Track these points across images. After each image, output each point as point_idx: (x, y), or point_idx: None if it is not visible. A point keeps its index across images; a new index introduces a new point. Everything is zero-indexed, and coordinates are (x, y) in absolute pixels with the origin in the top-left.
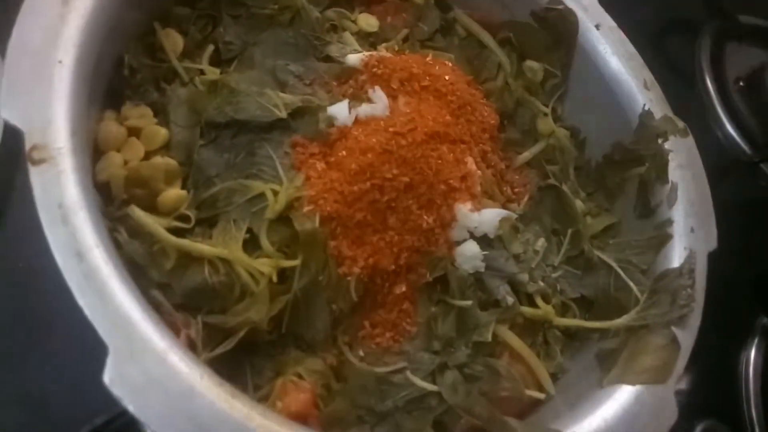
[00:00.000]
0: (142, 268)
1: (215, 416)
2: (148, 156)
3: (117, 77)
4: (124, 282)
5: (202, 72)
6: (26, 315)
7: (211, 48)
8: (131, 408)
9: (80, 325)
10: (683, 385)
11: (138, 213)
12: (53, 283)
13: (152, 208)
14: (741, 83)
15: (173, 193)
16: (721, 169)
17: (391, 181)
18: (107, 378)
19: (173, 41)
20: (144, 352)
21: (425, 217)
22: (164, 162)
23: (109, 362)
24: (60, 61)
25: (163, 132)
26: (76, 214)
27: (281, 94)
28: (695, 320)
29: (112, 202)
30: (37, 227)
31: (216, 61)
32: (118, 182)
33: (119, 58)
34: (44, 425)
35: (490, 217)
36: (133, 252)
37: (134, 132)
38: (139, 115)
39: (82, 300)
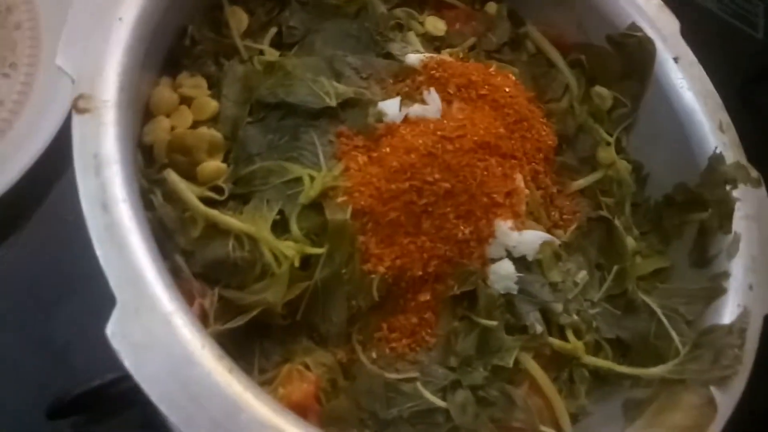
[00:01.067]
0: (171, 232)
1: (208, 388)
2: (195, 125)
3: (178, 46)
4: (145, 240)
5: (261, 52)
6: (66, 268)
7: (274, 30)
8: (127, 363)
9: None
10: None
11: (173, 177)
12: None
13: (191, 176)
14: None
15: (213, 165)
16: None
17: (431, 185)
18: (109, 330)
19: (238, 19)
20: (151, 310)
21: (462, 227)
22: (209, 133)
23: (114, 315)
24: (120, 18)
25: (213, 104)
26: (109, 166)
27: (335, 84)
28: (739, 384)
29: (153, 164)
30: None
31: (277, 43)
32: (161, 146)
33: (183, 27)
34: (65, 372)
35: (531, 239)
36: (164, 215)
37: (186, 101)
38: (194, 84)
39: (99, 249)
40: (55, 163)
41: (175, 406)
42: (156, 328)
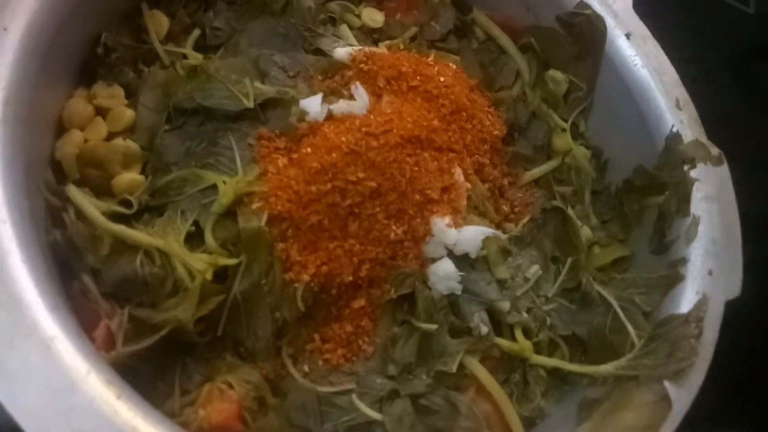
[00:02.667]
0: (80, 251)
1: (92, 418)
2: (111, 137)
3: (92, 55)
4: (28, 261)
5: (185, 56)
6: None
7: (197, 32)
8: (0, 397)
9: None
10: None
11: (74, 193)
12: None
13: (107, 191)
14: None
15: (128, 177)
16: None
17: (355, 185)
18: None
19: (158, 23)
20: (27, 337)
21: (393, 227)
22: (123, 144)
23: None
24: (5, 28)
25: (129, 114)
26: None
27: (257, 84)
28: (696, 378)
29: (65, 180)
30: None
31: (201, 46)
32: (69, 161)
33: (96, 35)
34: None
35: (471, 235)
36: (75, 233)
37: (102, 112)
38: (110, 95)
39: None
40: None
41: None
42: (33, 356)
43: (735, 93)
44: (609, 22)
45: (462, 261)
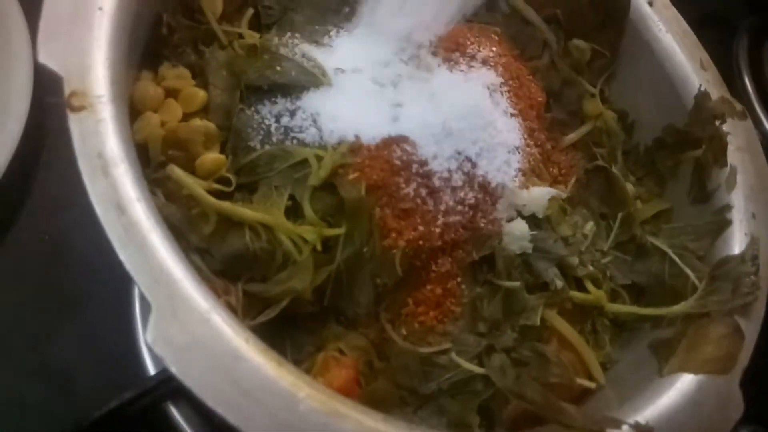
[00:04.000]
0: (181, 232)
1: (261, 383)
2: (186, 118)
3: (155, 37)
4: (166, 239)
5: (241, 36)
6: (50, 290)
7: (250, 12)
8: (174, 369)
9: (106, 301)
10: None
11: (178, 173)
12: (78, 258)
13: (190, 172)
14: None
15: (212, 157)
16: None
17: None
18: (149, 337)
19: (212, 3)
20: (188, 310)
21: (472, 192)
22: (203, 124)
23: (152, 320)
24: (101, 8)
25: (201, 94)
26: (116, 165)
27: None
28: (760, 309)
29: (149, 163)
30: (61, 201)
31: (255, 25)
32: (155, 143)
33: (158, 16)
34: (68, 401)
35: (539, 195)
36: (170, 216)
37: (172, 93)
38: (177, 75)
39: (122, 254)
40: (18, 185)
41: (231, 406)
42: (196, 328)
43: None
44: None
45: (530, 221)
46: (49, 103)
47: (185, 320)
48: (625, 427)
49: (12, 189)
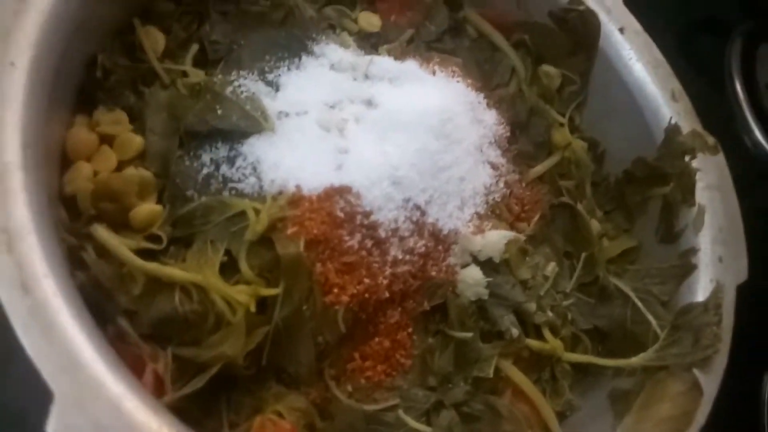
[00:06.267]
0: (109, 291)
1: None
2: (121, 166)
3: (89, 79)
4: (77, 317)
5: (185, 74)
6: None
7: (195, 47)
8: None
9: None
10: None
11: (101, 233)
12: None
13: (124, 224)
14: None
15: (147, 209)
16: (750, 178)
17: None
18: (51, 429)
19: (154, 40)
20: (95, 398)
21: (422, 240)
22: (138, 174)
23: (54, 411)
24: (12, 63)
25: (138, 140)
26: (23, 239)
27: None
28: (720, 362)
29: (80, 217)
30: None
31: (201, 62)
32: (84, 196)
33: (92, 57)
34: None
35: (495, 239)
36: (100, 273)
37: (107, 139)
38: (113, 120)
39: (24, 339)
40: None
41: None
42: (104, 417)
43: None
44: (602, 17)
45: (486, 266)
46: None
47: (91, 409)
48: None
49: None
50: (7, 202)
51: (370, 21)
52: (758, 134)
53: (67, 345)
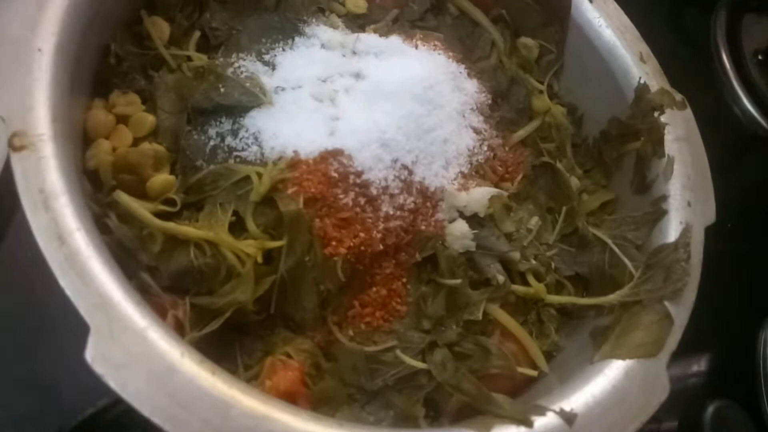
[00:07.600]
0: (132, 251)
1: (195, 393)
2: (136, 142)
3: (104, 66)
4: (106, 264)
5: (189, 58)
6: (38, 304)
7: (197, 34)
8: (112, 384)
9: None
10: (701, 366)
11: (124, 198)
12: None
13: (142, 193)
14: (759, 56)
15: (161, 179)
16: (739, 145)
17: None
18: (89, 356)
19: (160, 29)
20: (124, 330)
21: (411, 197)
22: (152, 148)
23: (91, 341)
24: (39, 50)
25: (150, 119)
26: (56, 199)
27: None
28: (690, 295)
29: (102, 188)
30: None
31: (203, 47)
32: (106, 169)
33: (105, 46)
34: (55, 409)
35: (479, 196)
36: (123, 236)
37: (123, 119)
38: (127, 102)
39: (63, 281)
40: (5, 204)
41: (167, 416)
42: (133, 345)
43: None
44: None
45: (472, 220)
46: None
47: (122, 339)
48: (551, 414)
49: (2, 202)
50: (41, 167)
51: (356, 3)
52: (746, 102)
53: (99, 287)
